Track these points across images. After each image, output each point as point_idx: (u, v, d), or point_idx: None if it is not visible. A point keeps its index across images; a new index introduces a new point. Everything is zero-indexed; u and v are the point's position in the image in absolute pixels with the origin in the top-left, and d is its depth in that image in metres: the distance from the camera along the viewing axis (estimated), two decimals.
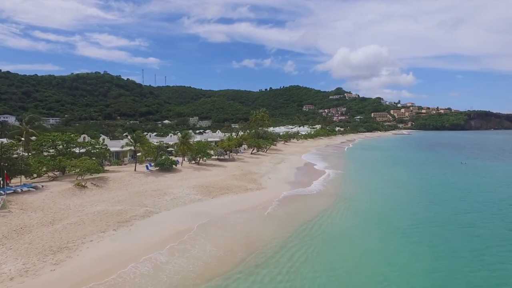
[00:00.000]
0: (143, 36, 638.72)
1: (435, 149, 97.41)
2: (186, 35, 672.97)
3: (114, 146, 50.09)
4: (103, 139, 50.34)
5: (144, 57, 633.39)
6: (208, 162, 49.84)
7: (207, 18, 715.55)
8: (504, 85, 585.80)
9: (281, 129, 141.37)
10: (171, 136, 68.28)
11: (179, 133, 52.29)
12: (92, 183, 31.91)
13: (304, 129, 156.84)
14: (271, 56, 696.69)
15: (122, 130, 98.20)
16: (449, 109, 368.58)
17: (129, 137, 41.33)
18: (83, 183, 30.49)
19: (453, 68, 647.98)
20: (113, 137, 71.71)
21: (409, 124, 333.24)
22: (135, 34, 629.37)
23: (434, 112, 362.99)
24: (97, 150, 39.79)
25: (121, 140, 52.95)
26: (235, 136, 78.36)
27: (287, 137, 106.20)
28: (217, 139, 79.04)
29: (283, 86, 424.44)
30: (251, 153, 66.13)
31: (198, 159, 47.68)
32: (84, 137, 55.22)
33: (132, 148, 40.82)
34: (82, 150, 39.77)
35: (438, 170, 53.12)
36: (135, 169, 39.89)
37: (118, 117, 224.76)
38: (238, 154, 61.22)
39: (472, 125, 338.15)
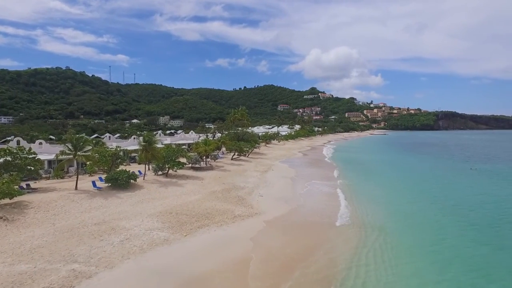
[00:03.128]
0: (111, 32, 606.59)
1: (424, 151, 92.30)
2: (157, 33, 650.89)
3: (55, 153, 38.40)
4: (40, 144, 38.50)
5: (113, 54, 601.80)
6: (180, 172, 39.44)
7: (181, 16, 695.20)
8: (464, 87, 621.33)
9: (259, 130, 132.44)
10: (134, 138, 56.64)
11: (141, 137, 41.13)
12: None
13: (283, 129, 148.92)
14: (245, 55, 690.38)
15: (75, 131, 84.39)
16: (419, 109, 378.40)
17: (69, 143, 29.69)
18: None
19: (417, 71, 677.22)
20: (59, 141, 58.76)
21: (382, 124, 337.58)
22: (102, 30, 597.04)
23: (405, 112, 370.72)
24: (21, 160, 28.29)
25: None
26: (211, 138, 68.16)
27: (268, 138, 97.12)
28: (191, 141, 68.48)
29: (258, 86, 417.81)
30: (232, 159, 56.25)
31: (167, 169, 37.18)
32: (18, 140, 43.03)
33: (73, 157, 29.33)
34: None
35: (451, 178, 46.04)
36: (76, 187, 28.76)
37: (82, 116, 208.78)
38: (216, 160, 51.15)
39: (440, 125, 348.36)
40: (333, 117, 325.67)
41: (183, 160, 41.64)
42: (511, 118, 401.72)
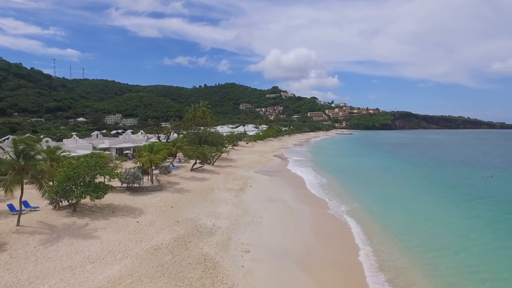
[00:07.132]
0: (59, 25, 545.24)
1: (406, 152, 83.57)
2: (112, 27, 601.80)
3: None
4: None
5: (61, 48, 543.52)
6: (106, 199, 23.45)
7: (138, 11, 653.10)
8: (412, 89, 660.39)
9: (223, 129, 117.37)
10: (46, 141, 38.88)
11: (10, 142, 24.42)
12: None
13: (248, 129, 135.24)
14: (206, 54, 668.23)
15: None
16: (377, 109, 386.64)
17: None
18: None
19: (370, 73, 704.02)
20: None
21: (344, 124, 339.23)
22: (49, 22, 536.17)
23: (364, 112, 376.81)
24: None
25: None
26: (164, 140, 52.01)
27: (235, 140, 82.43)
28: (138, 145, 51.75)
29: (219, 84, 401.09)
30: (192, 169, 40.97)
31: (74, 199, 21.17)
32: None
33: None
34: None
35: (483, 191, 35.06)
36: None
37: (16, 113, 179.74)
38: (169, 174, 35.44)
39: (397, 125, 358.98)
40: (295, 116, 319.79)
41: (109, 179, 25.71)
42: (458, 119, 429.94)
